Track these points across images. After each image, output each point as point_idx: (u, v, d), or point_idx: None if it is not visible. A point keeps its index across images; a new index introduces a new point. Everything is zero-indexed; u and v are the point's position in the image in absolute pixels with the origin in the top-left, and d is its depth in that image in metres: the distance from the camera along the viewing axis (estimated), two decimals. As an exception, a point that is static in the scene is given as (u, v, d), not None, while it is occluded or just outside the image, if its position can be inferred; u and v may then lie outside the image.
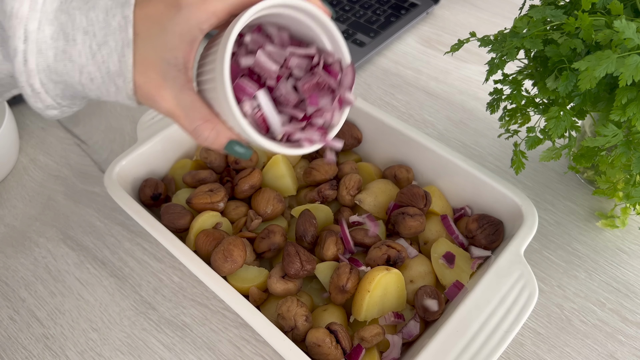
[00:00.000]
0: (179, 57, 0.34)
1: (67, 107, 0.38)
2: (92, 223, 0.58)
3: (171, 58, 0.34)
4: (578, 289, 0.52)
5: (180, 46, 0.34)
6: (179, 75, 0.34)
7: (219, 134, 0.36)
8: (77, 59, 0.34)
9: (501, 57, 0.45)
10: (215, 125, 0.36)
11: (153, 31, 0.34)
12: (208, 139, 0.36)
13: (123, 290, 0.53)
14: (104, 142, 0.67)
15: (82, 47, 0.34)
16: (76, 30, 0.33)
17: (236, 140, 0.37)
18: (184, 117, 0.35)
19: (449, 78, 0.73)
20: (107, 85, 0.35)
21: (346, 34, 0.78)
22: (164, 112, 0.36)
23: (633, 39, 0.34)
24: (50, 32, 0.33)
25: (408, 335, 0.44)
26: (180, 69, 0.34)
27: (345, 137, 0.57)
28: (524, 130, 0.60)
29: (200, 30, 0.34)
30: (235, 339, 0.49)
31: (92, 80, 0.35)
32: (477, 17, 0.84)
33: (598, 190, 0.53)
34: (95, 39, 0.33)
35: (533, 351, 0.48)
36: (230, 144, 0.36)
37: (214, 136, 0.36)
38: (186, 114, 0.35)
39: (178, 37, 0.34)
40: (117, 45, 0.34)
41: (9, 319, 0.51)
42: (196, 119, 0.35)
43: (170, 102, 0.35)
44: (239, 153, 0.37)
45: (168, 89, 0.35)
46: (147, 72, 0.34)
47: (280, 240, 0.48)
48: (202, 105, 0.35)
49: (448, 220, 0.50)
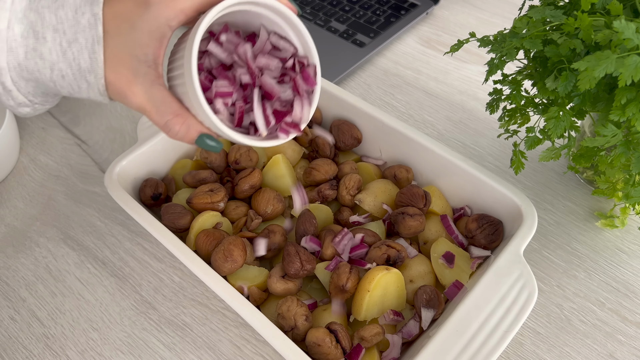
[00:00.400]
0: (149, 53, 0.35)
1: (39, 104, 0.38)
2: (93, 223, 0.58)
3: (141, 55, 0.35)
4: (577, 289, 0.52)
5: (149, 43, 0.35)
6: (149, 72, 0.35)
7: (190, 127, 0.37)
8: (47, 57, 0.34)
9: (501, 58, 0.45)
10: (186, 119, 0.37)
11: (122, 28, 0.35)
12: (179, 133, 0.37)
13: (123, 290, 0.53)
14: (105, 142, 0.67)
15: (52, 44, 0.34)
16: (46, 28, 0.34)
17: (207, 134, 0.37)
18: (155, 112, 0.36)
19: (448, 78, 0.74)
20: (79, 81, 0.36)
21: (346, 34, 0.78)
22: (135, 107, 0.37)
23: (632, 39, 0.34)
24: (20, 30, 0.34)
25: (408, 335, 0.44)
26: (150, 65, 0.35)
27: (345, 137, 0.57)
28: (523, 131, 0.60)
29: (169, 27, 0.35)
30: (235, 339, 0.49)
31: (63, 77, 0.35)
32: (477, 17, 0.84)
33: (597, 190, 0.53)
34: (65, 37, 0.34)
35: (532, 351, 0.48)
36: (201, 137, 0.37)
37: (185, 130, 0.37)
38: (157, 108, 0.36)
39: (147, 34, 0.35)
40: (87, 42, 0.34)
41: (9, 319, 0.51)
42: (167, 114, 0.36)
43: (141, 97, 0.36)
44: (209, 146, 0.38)
45: (139, 85, 0.36)
46: (118, 68, 0.35)
47: (280, 240, 0.48)
48: (172, 100, 0.36)
49: (448, 220, 0.50)
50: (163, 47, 0.36)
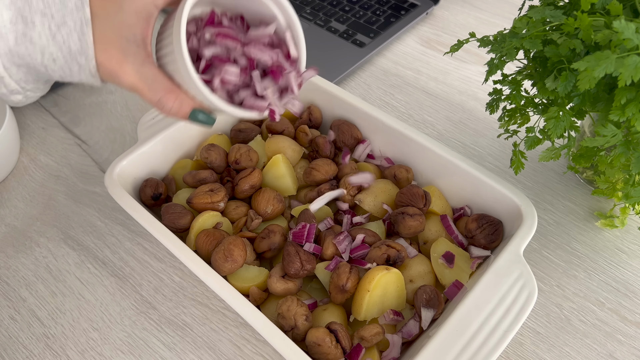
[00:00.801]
0: (137, 33, 0.36)
1: (31, 91, 0.39)
2: (93, 223, 0.58)
3: (129, 35, 0.36)
4: (577, 289, 0.52)
5: (137, 23, 0.36)
6: (139, 51, 0.36)
7: (182, 103, 0.38)
8: (37, 41, 0.35)
9: (500, 58, 0.46)
10: (178, 95, 0.38)
11: (110, 10, 0.35)
12: (172, 109, 0.38)
13: (124, 289, 0.53)
14: (105, 142, 0.67)
15: (41, 29, 0.35)
16: (34, 13, 0.34)
17: (199, 109, 0.38)
18: (147, 90, 0.37)
19: (448, 78, 0.74)
20: (70, 64, 0.36)
21: (346, 35, 0.78)
22: (127, 86, 0.37)
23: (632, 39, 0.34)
24: (8, 16, 0.34)
25: (408, 335, 0.44)
26: (139, 44, 0.36)
27: (345, 137, 0.57)
28: (523, 131, 0.60)
29: (155, 6, 0.36)
30: (235, 339, 0.49)
31: (54, 60, 0.36)
32: (477, 17, 0.84)
33: (597, 190, 0.53)
34: (53, 20, 0.35)
35: (532, 350, 0.48)
36: (194, 112, 0.38)
37: (178, 106, 0.38)
38: (149, 86, 0.37)
39: (134, 14, 0.36)
40: (75, 24, 0.35)
41: (9, 319, 0.51)
42: (159, 91, 0.37)
43: (133, 76, 0.37)
44: (202, 121, 0.39)
45: (129, 64, 0.36)
46: (108, 49, 0.36)
47: (280, 240, 0.48)
48: (164, 78, 0.37)
49: (447, 220, 0.50)
50: (150, 26, 0.37)
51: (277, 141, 0.56)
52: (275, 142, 0.56)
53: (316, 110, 0.60)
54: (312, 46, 0.77)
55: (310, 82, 0.60)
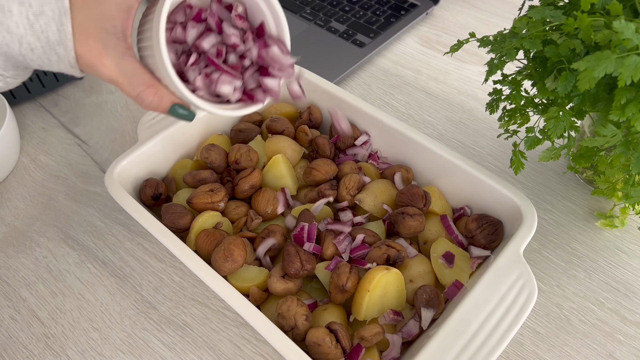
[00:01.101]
0: (117, 25, 0.36)
1: (11, 78, 0.39)
2: (93, 223, 0.58)
3: (109, 27, 0.35)
4: (577, 289, 0.52)
5: (117, 15, 0.35)
6: (119, 43, 0.36)
7: (162, 98, 0.38)
8: (15, 30, 0.35)
9: (500, 58, 0.46)
10: (158, 90, 0.37)
11: (89, 0, 0.35)
12: (152, 103, 0.38)
13: (124, 289, 0.53)
14: (105, 142, 0.67)
15: (19, 17, 0.34)
16: (11, 2, 0.34)
17: (179, 104, 0.38)
18: (127, 83, 0.37)
19: (448, 78, 0.74)
20: (49, 54, 0.36)
21: (346, 35, 0.78)
22: (106, 79, 0.37)
23: (632, 39, 0.34)
24: None
25: (408, 335, 0.44)
26: (119, 37, 0.36)
27: (345, 137, 0.57)
28: (523, 131, 0.60)
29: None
30: (235, 338, 0.49)
31: (32, 50, 0.36)
32: (477, 17, 0.84)
33: (597, 190, 0.54)
34: (31, 9, 0.34)
35: (532, 350, 0.48)
36: (173, 107, 0.38)
37: (158, 101, 0.38)
38: (129, 80, 0.37)
39: (114, 5, 0.35)
40: (54, 14, 0.35)
41: (9, 319, 0.51)
42: (139, 85, 0.37)
43: (112, 69, 0.36)
44: (182, 115, 0.39)
45: (109, 57, 0.36)
46: (87, 41, 0.36)
47: (280, 240, 0.48)
48: (144, 72, 0.37)
49: (447, 220, 0.50)
50: (131, 18, 0.36)
51: (277, 141, 0.56)
52: (275, 142, 0.56)
53: (316, 110, 0.60)
54: (312, 46, 0.77)
55: (311, 82, 0.60)
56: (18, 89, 0.69)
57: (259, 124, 0.61)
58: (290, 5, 0.84)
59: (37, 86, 0.70)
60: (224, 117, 0.59)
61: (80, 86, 0.75)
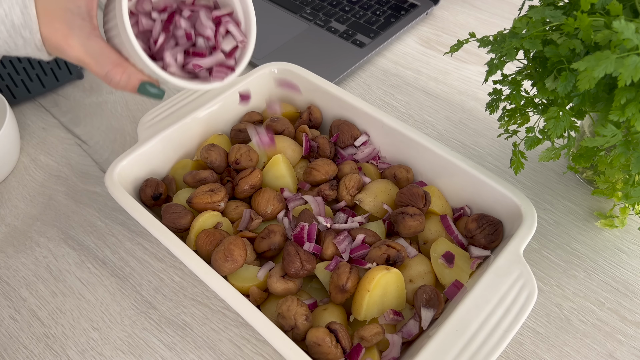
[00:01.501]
0: (81, 6, 0.36)
1: None
2: (93, 223, 0.58)
3: (74, 8, 0.36)
4: (577, 289, 0.52)
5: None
6: (84, 24, 0.36)
7: (131, 76, 0.38)
8: None
9: (500, 58, 0.46)
10: (126, 68, 0.38)
11: None
12: (120, 82, 0.38)
13: (124, 289, 0.53)
14: (105, 142, 0.67)
15: None
16: None
17: (148, 82, 0.39)
18: (95, 63, 0.37)
19: (448, 78, 0.74)
20: (14, 38, 0.36)
21: (346, 35, 0.78)
22: (74, 60, 0.37)
23: (632, 39, 0.34)
24: None
25: (408, 335, 0.44)
26: (84, 17, 0.36)
27: (345, 137, 0.57)
28: (523, 131, 0.60)
29: None
30: (235, 338, 0.49)
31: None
32: (477, 17, 0.84)
33: (597, 190, 0.54)
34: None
35: (532, 350, 0.48)
36: (142, 85, 0.39)
37: (126, 79, 0.38)
38: (96, 60, 0.37)
39: None
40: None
41: (10, 319, 0.51)
42: (106, 64, 0.37)
43: (79, 50, 0.37)
44: (152, 93, 0.39)
45: (75, 38, 0.36)
46: (53, 23, 0.36)
47: (280, 240, 0.48)
48: (111, 51, 0.37)
49: (447, 220, 0.50)
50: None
51: (277, 141, 0.56)
52: (275, 142, 0.56)
53: (316, 110, 0.60)
54: (312, 46, 0.77)
55: (311, 82, 0.60)
56: (18, 89, 0.69)
57: (259, 124, 0.61)
58: (290, 5, 0.84)
59: (37, 86, 0.70)
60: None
61: (80, 86, 0.75)
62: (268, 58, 0.75)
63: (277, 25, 0.81)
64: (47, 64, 0.69)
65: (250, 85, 0.60)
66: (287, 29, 0.80)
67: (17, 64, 0.66)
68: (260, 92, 0.62)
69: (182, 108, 0.58)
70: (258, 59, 0.75)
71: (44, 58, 0.38)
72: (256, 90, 0.61)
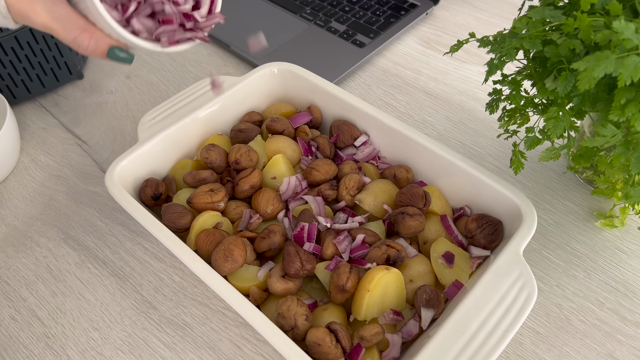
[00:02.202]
0: None
1: None
2: (93, 223, 0.58)
3: None
4: (577, 289, 0.52)
5: None
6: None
7: (99, 41, 0.38)
8: None
9: (500, 58, 0.46)
10: (93, 33, 0.37)
11: None
12: (89, 47, 0.38)
13: (124, 289, 0.53)
14: (105, 142, 0.67)
15: None
16: None
17: (117, 46, 0.38)
18: (61, 29, 0.37)
19: (448, 78, 0.74)
20: None
21: (346, 35, 0.78)
22: (40, 27, 0.37)
23: (632, 39, 0.34)
24: None
25: (408, 335, 0.44)
26: None
27: (345, 137, 0.57)
28: (523, 131, 0.60)
29: None
30: (235, 338, 0.49)
31: None
32: (477, 17, 0.84)
33: (597, 190, 0.54)
34: None
35: (532, 350, 0.48)
36: (111, 50, 0.38)
37: (94, 44, 0.38)
38: (63, 26, 0.37)
39: None
40: None
41: (10, 319, 0.51)
42: (73, 30, 0.37)
43: (45, 16, 0.36)
44: (121, 58, 0.39)
45: (40, 4, 0.36)
46: None
47: (280, 240, 0.48)
48: (77, 17, 0.37)
49: (447, 220, 0.50)
50: None
51: (277, 141, 0.56)
52: (275, 142, 0.56)
53: (316, 110, 0.60)
54: (312, 46, 0.77)
55: (311, 82, 0.60)
56: (18, 89, 0.69)
57: (259, 124, 0.61)
58: (290, 5, 0.84)
59: (37, 86, 0.71)
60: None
61: (80, 86, 0.75)
62: (268, 58, 0.75)
63: (277, 25, 0.81)
64: (47, 64, 0.69)
65: (251, 85, 0.60)
66: (287, 29, 0.80)
67: (17, 64, 0.66)
68: (260, 92, 0.62)
69: (182, 108, 0.58)
70: (258, 59, 0.75)
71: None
72: (256, 91, 0.61)
